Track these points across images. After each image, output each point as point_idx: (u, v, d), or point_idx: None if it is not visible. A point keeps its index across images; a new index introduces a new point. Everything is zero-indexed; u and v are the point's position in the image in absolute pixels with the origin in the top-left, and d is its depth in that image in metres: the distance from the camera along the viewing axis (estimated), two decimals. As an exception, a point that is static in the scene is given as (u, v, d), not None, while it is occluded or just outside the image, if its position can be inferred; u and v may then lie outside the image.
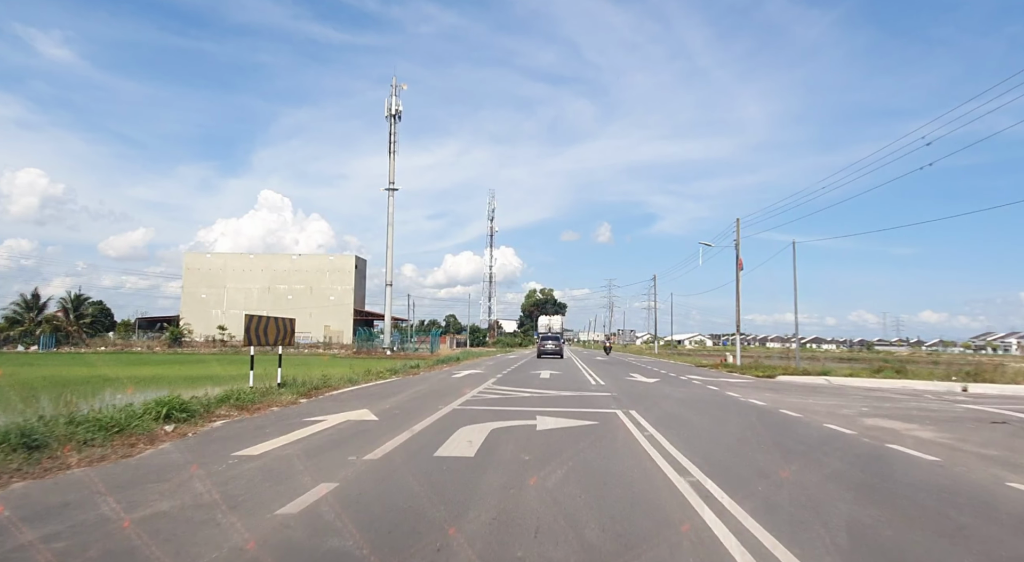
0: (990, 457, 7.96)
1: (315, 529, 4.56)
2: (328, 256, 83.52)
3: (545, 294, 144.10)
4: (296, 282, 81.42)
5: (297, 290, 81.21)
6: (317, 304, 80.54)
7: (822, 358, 53.60)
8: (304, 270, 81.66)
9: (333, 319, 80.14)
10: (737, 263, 30.13)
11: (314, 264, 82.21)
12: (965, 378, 20.13)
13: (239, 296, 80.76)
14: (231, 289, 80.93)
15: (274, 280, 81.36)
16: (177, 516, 4.83)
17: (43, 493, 5.52)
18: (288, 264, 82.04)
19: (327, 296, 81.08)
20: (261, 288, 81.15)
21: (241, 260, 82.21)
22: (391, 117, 61.47)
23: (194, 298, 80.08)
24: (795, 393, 15.41)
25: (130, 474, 6.32)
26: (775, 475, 6.67)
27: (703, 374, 24.21)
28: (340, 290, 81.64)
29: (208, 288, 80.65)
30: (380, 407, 11.54)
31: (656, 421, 10.07)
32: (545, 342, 45.36)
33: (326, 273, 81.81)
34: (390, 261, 60.58)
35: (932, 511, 5.34)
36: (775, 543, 4.26)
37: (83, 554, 3.97)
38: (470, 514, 4.95)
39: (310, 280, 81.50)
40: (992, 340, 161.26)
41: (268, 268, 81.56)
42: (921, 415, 12.22)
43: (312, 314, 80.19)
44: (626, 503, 5.37)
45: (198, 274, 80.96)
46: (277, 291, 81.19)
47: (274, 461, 6.98)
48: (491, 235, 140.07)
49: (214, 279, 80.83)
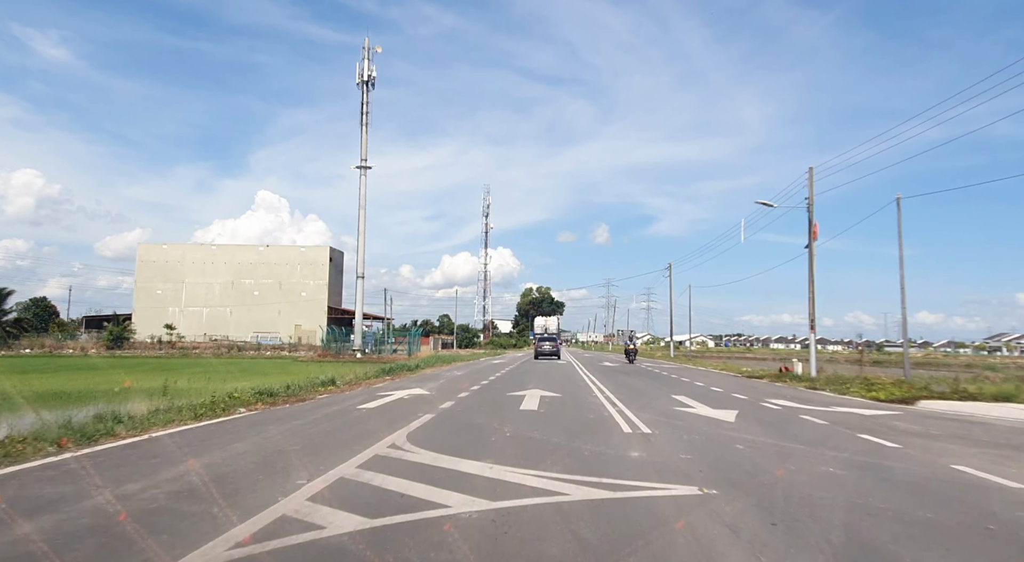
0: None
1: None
2: (299, 247, 75.33)
3: (542, 292, 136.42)
4: (263, 276, 73.25)
5: (264, 285, 73.03)
6: (287, 300, 72.43)
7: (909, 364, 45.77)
8: (272, 263, 73.48)
9: (306, 317, 71.94)
10: (811, 231, 21.95)
11: (283, 256, 74.00)
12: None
13: (199, 292, 72.57)
14: (190, 284, 72.69)
15: (239, 274, 73.15)
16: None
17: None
18: (254, 256, 73.82)
19: (298, 292, 72.95)
20: (224, 283, 72.95)
21: (201, 251, 73.94)
22: (363, 84, 53.34)
23: (148, 294, 71.81)
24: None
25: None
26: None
27: (786, 395, 15.68)
28: (313, 285, 73.52)
29: (164, 283, 72.40)
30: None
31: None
32: (542, 343, 46.76)
33: (297, 266, 73.65)
34: (362, 249, 52.57)
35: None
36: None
37: None
38: None
39: (279, 274, 73.33)
40: (1008, 341, 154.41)
41: (232, 260, 73.34)
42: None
43: (281, 312, 72.16)
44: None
45: (153, 267, 72.67)
46: (242, 286, 73.01)
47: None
48: (486, 233, 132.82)
49: (171, 273, 72.55)
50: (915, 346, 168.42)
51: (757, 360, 62.37)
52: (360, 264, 52.57)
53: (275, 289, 72.80)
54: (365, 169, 53.13)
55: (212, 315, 72.25)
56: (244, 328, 70.84)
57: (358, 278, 52.74)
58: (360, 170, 52.98)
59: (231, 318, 72.17)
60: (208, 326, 70.94)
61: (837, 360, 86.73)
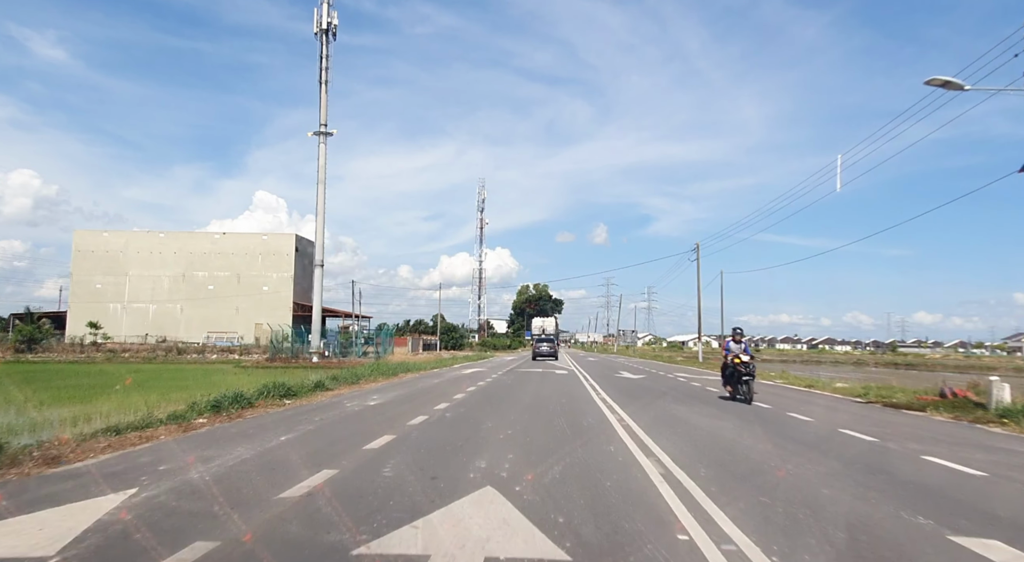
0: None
1: None
2: (261, 235, 66.05)
3: (539, 290, 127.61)
4: (219, 268, 64.05)
5: (220, 278, 63.83)
6: (247, 296, 63.27)
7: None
8: (229, 253, 64.26)
9: (269, 315, 62.61)
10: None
11: (243, 245, 64.77)
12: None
13: (145, 286, 63.32)
14: (135, 277, 63.42)
15: (191, 265, 63.94)
16: None
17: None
18: (209, 245, 64.58)
19: (259, 286, 63.79)
20: (174, 276, 63.72)
21: (148, 239, 64.65)
22: (321, 34, 44.32)
23: (86, 288, 62.53)
24: None
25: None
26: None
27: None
28: (276, 278, 64.38)
29: (104, 276, 63.12)
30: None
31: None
32: (540, 344, 47.39)
33: (258, 257, 64.48)
34: (321, 231, 43.47)
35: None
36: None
37: None
38: None
39: (237, 265, 64.15)
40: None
41: (183, 250, 64.11)
42: None
43: (240, 309, 62.98)
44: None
45: (92, 258, 63.36)
46: (194, 279, 63.79)
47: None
48: (481, 228, 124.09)
49: (112, 264, 63.26)
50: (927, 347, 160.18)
51: (807, 365, 53.63)
52: (319, 249, 43.58)
53: (232, 282, 63.62)
54: (325, 135, 44.12)
55: (160, 312, 63.06)
56: (197, 327, 61.68)
57: (317, 267, 43.74)
58: (319, 136, 43.98)
59: (181, 316, 62.99)
60: (155, 325, 61.78)
61: (866, 363, 77.85)
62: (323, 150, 43.81)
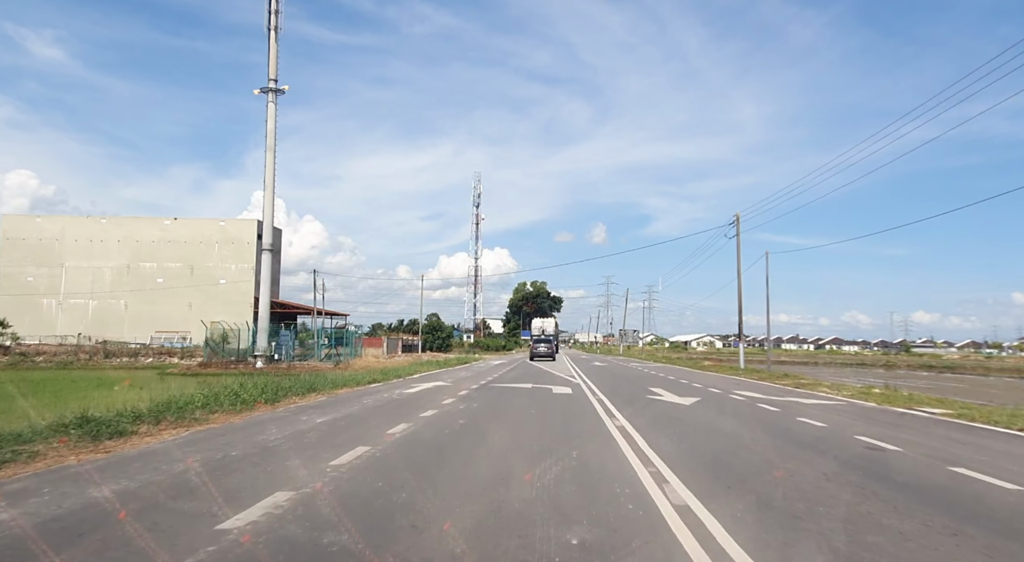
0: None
1: None
2: (218, 221, 58.07)
3: (537, 288, 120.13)
4: (170, 258, 56.23)
5: (171, 270, 56.00)
6: (202, 290, 55.43)
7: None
8: (182, 241, 56.44)
9: (227, 311, 54.80)
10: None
11: (197, 232, 56.92)
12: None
13: (85, 279, 55.42)
14: (72, 269, 55.51)
15: (138, 256, 56.09)
16: None
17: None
18: (158, 232, 56.69)
19: (216, 278, 55.96)
20: (118, 267, 55.85)
21: (87, 226, 56.69)
22: (271, -32, 36.72)
23: (15, 282, 54.54)
24: None
25: None
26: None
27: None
28: (236, 270, 56.58)
29: (37, 267, 55.19)
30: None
31: None
32: (538, 345, 47.22)
33: (215, 245, 56.67)
34: (269, 208, 35.69)
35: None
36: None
37: None
38: None
39: (191, 255, 56.34)
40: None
41: (128, 237, 56.23)
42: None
43: (193, 304, 55.06)
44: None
45: (23, 246, 55.42)
46: (141, 271, 55.92)
47: None
48: (476, 224, 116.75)
49: (46, 254, 55.36)
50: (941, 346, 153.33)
51: (837, 368, 45.46)
52: (267, 230, 35.98)
53: (185, 275, 55.78)
54: (275, 92, 36.51)
55: (101, 309, 55.19)
56: (144, 326, 53.86)
57: (265, 251, 36.08)
58: (268, 93, 36.36)
59: (126, 313, 55.14)
60: (96, 323, 53.86)
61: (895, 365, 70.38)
62: (272, 110, 36.21)
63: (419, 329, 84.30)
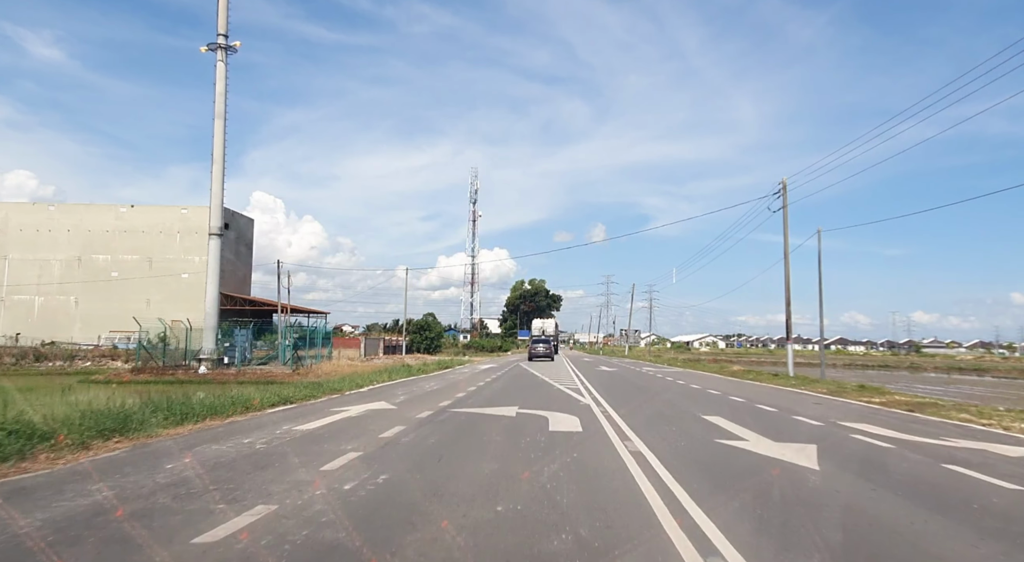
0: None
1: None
2: (180, 208, 52.49)
3: (535, 286, 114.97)
4: (126, 250, 50.68)
5: (127, 262, 50.44)
6: (161, 284, 49.86)
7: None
8: (139, 230, 50.91)
9: (189, 308, 49.26)
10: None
11: (156, 221, 51.39)
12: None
13: (31, 272, 49.83)
14: (16, 261, 49.90)
15: (90, 247, 50.51)
16: None
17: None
18: (113, 220, 51.11)
19: (177, 272, 50.42)
20: (68, 259, 50.26)
21: (33, 214, 51.11)
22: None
23: (-49, 275, 48.90)
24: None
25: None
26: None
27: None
28: (199, 263, 50.88)
29: (-24, 259, 49.58)
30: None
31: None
32: (536, 345, 46.97)
33: (176, 236, 51.18)
34: (219, 185, 30.32)
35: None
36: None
37: None
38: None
39: (149, 247, 50.81)
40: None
41: (79, 227, 50.64)
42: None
43: (151, 301, 49.38)
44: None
45: (-39, 236, 49.78)
46: (94, 264, 50.35)
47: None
48: (474, 221, 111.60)
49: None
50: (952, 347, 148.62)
51: (876, 370, 39.70)
52: (215, 211, 30.67)
53: (143, 267, 50.23)
54: (226, 50, 31.16)
55: (48, 306, 49.62)
56: (96, 325, 48.33)
57: (212, 236, 30.82)
58: (217, 51, 30.97)
59: (77, 311, 49.59)
60: (42, 322, 48.31)
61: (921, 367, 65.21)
62: (221, 70, 30.87)
63: (403, 329, 78.82)
